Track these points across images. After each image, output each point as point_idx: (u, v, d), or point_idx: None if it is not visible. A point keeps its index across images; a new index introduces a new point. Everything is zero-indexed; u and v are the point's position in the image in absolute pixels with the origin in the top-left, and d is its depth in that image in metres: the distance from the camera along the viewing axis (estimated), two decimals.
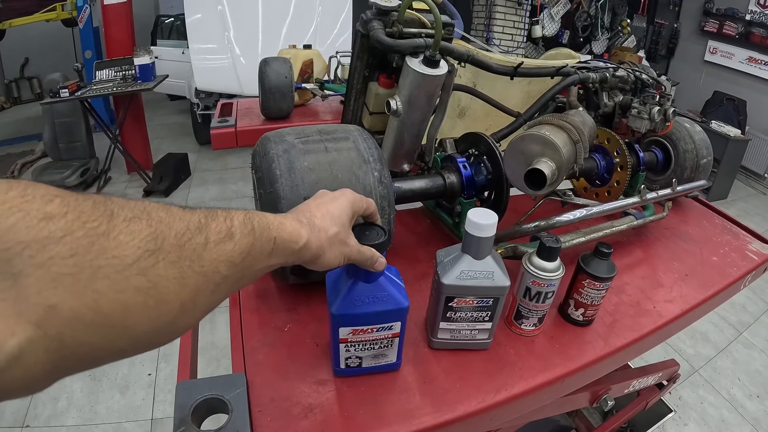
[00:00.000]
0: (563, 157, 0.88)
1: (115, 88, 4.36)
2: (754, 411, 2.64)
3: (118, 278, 0.33)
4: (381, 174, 0.85)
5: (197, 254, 0.39)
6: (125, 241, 0.34)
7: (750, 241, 1.50)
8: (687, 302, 1.12)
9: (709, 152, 1.57)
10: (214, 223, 0.42)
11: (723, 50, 6.42)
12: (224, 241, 0.42)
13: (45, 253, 0.30)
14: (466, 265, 0.74)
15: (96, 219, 0.33)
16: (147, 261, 0.35)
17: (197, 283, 0.39)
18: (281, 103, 2.16)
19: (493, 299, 0.77)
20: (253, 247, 0.45)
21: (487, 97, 1.20)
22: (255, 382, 0.72)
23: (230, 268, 0.43)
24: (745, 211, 5.28)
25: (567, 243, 1.03)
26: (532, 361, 0.85)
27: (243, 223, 0.45)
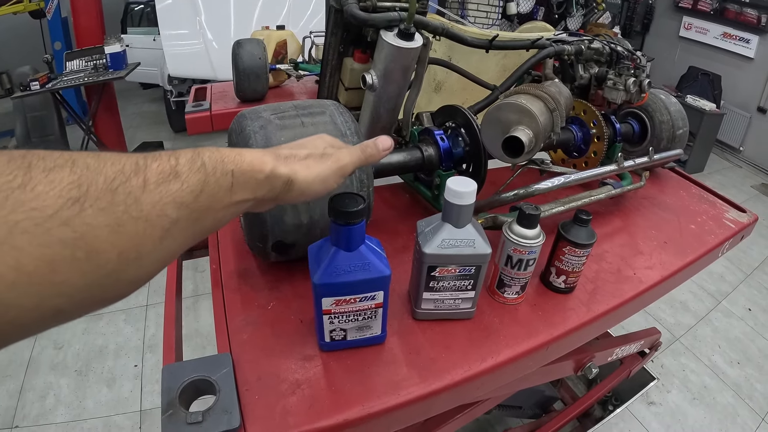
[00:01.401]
0: (540, 125, 0.88)
1: (87, 78, 4.25)
2: (735, 377, 2.71)
3: (39, 231, 0.30)
4: None
5: (133, 198, 0.36)
6: (44, 191, 0.31)
7: (727, 209, 1.53)
8: (666, 269, 1.14)
9: (685, 123, 1.59)
10: (155, 164, 0.38)
11: (698, 26, 6.45)
12: (167, 181, 0.38)
13: None
14: (447, 233, 0.73)
15: (11, 173, 0.30)
16: (71, 210, 0.32)
17: (137, 229, 0.36)
18: (256, 85, 2.13)
19: (475, 267, 0.76)
20: (206, 183, 0.41)
21: (463, 70, 1.20)
22: (241, 361, 0.72)
23: (180, 210, 0.39)
24: (722, 184, 5.36)
25: (546, 212, 1.03)
26: (517, 329, 0.86)
27: (191, 160, 0.41)
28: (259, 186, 0.47)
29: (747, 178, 5.67)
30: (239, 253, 1.01)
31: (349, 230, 0.65)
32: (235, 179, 0.44)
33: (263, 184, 0.48)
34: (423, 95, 1.39)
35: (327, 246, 0.68)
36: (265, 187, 0.48)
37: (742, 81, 5.94)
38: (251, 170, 0.46)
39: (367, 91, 1.03)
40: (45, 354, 2.52)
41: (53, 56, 4.83)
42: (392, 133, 1.14)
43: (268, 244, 0.83)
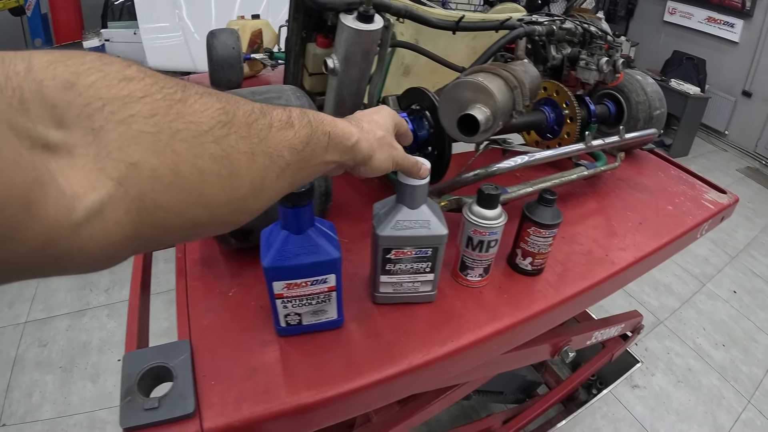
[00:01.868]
0: (498, 103, 0.86)
1: None
2: (720, 359, 2.72)
3: (195, 143, 0.33)
4: None
5: (263, 135, 0.40)
6: (200, 109, 0.34)
7: (706, 191, 1.52)
8: (641, 250, 1.12)
9: (662, 104, 1.56)
10: (275, 111, 0.43)
11: (682, 10, 6.44)
12: (286, 127, 0.43)
13: (126, 111, 0.30)
14: (402, 215, 0.72)
15: (172, 87, 0.33)
16: (221, 131, 0.35)
17: (264, 163, 0.40)
18: (230, 75, 2.09)
19: (431, 249, 0.75)
20: (311, 137, 0.46)
21: (430, 52, 1.17)
22: (200, 347, 0.72)
23: (293, 155, 0.44)
24: (706, 167, 5.38)
25: (513, 193, 1.01)
26: (480, 312, 0.84)
27: (300, 115, 0.46)
28: (345, 152, 0.53)
29: (732, 162, 5.69)
30: (204, 241, 0.99)
31: (297, 212, 0.64)
32: (331, 140, 0.50)
33: (348, 150, 0.53)
34: (392, 79, 1.37)
35: (277, 230, 0.67)
36: (350, 153, 0.54)
37: (727, 65, 5.95)
38: (343, 136, 0.52)
39: (330, 76, 1.01)
40: (30, 351, 2.51)
41: None
42: None
43: None
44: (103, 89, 0.29)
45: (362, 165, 0.58)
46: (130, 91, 0.30)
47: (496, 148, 1.03)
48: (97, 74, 0.29)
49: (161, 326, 2.56)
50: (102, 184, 0.29)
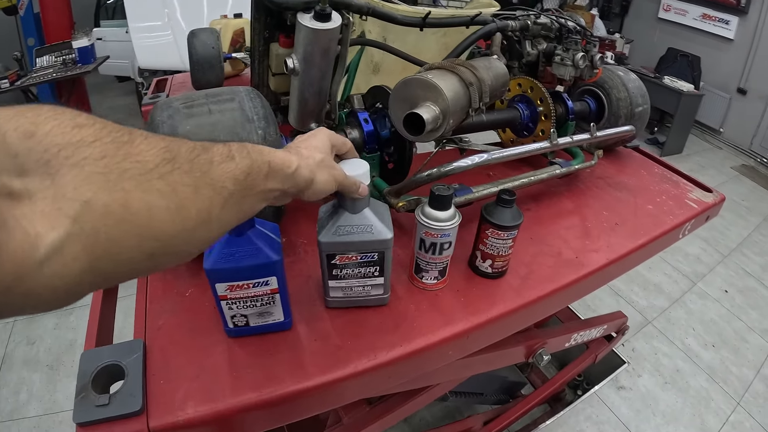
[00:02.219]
0: (447, 101, 0.83)
1: (56, 74, 4.19)
2: (709, 360, 2.68)
3: (142, 180, 0.36)
4: (266, 131, 0.84)
5: (206, 168, 0.43)
6: (146, 149, 0.38)
7: (691, 189, 1.48)
8: (614, 251, 1.09)
9: (645, 100, 1.53)
10: (215, 147, 0.46)
11: (677, 7, 6.41)
12: (227, 160, 0.46)
13: (79, 154, 0.33)
14: (343, 220, 0.70)
15: (119, 131, 0.36)
16: (165, 167, 0.38)
17: (208, 194, 0.43)
18: (209, 75, 2.07)
19: (377, 253, 0.73)
20: (251, 167, 0.49)
21: (397, 50, 1.14)
22: (153, 346, 0.73)
23: (235, 185, 0.46)
24: (701, 165, 5.36)
25: (478, 193, 0.99)
26: (434, 316, 0.82)
27: (239, 148, 0.49)
28: (287, 179, 0.55)
29: (727, 160, 5.66)
30: None
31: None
32: (271, 169, 0.52)
33: (289, 177, 0.55)
34: (361, 77, 1.34)
35: None
36: (291, 181, 0.56)
37: (722, 62, 5.92)
38: (282, 165, 0.54)
39: (291, 76, 0.99)
40: (18, 350, 2.53)
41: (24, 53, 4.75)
42: (323, 116, 1.09)
43: None
44: (59, 136, 0.33)
45: (305, 190, 0.59)
46: (82, 137, 0.34)
47: (457, 147, 1.00)
48: (52, 122, 0.33)
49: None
50: (60, 223, 0.32)
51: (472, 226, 0.92)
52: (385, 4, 1.10)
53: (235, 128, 0.82)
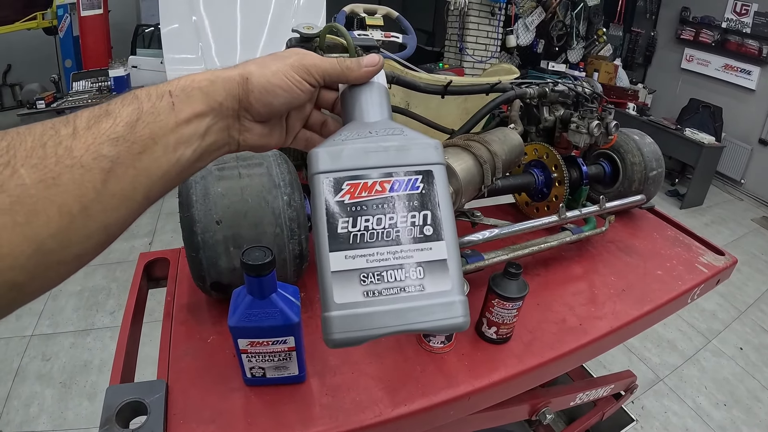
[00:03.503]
0: (461, 181, 0.89)
1: (90, 100, 4.36)
2: (720, 419, 2.63)
3: None
4: (291, 197, 0.90)
5: (64, 147, 0.33)
6: None
7: (702, 253, 1.50)
8: (618, 319, 1.12)
9: (660, 164, 1.58)
10: (85, 112, 0.36)
11: (699, 58, 6.49)
12: (98, 121, 0.36)
13: None
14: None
15: None
16: (2, 175, 0.31)
17: (73, 177, 0.33)
18: None
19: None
20: (140, 111, 0.37)
21: (418, 116, 1.21)
22: (175, 387, 0.78)
23: (117, 146, 0.35)
24: (721, 217, 5.32)
25: (488, 261, 1.03)
26: (438, 378, 0.86)
27: (122, 98, 0.38)
28: (208, 95, 0.41)
29: (748, 211, 5.63)
30: (193, 287, 1.03)
31: (260, 281, 0.69)
32: (175, 97, 0.39)
33: (212, 91, 0.42)
34: None
35: (244, 293, 0.73)
36: (218, 93, 0.42)
37: (744, 113, 5.95)
38: (192, 82, 0.41)
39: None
40: (33, 364, 2.58)
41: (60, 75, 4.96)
42: None
43: (206, 283, 0.89)
44: None
45: (247, 94, 0.44)
46: None
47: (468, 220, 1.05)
48: None
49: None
50: None
51: (482, 291, 0.96)
52: (409, 72, 1.17)
53: (262, 193, 0.88)
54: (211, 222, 0.84)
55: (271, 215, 0.87)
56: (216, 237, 0.86)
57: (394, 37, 1.79)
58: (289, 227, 0.89)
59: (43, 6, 5.48)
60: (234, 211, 0.86)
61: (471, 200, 1.03)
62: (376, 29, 1.80)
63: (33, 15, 5.48)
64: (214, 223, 0.85)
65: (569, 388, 1.58)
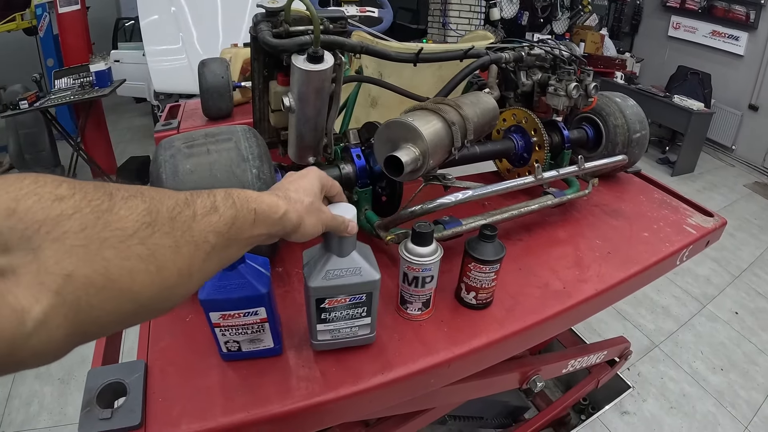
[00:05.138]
0: (427, 143, 0.87)
1: (73, 96, 4.29)
2: (717, 383, 2.63)
3: (122, 247, 0.37)
4: (260, 170, 0.90)
5: (187, 225, 0.44)
6: (125, 215, 0.38)
7: (690, 214, 1.48)
8: (604, 281, 1.10)
9: (643, 126, 1.55)
10: (199, 199, 0.47)
11: (686, 25, 6.43)
12: (210, 213, 0.47)
13: (59, 229, 0.34)
14: (332, 264, 0.73)
15: (99, 198, 0.37)
16: (145, 232, 0.39)
17: (190, 251, 0.44)
18: (220, 103, 2.16)
19: (365, 294, 0.76)
20: (236, 218, 0.50)
21: (391, 85, 1.19)
22: (154, 367, 0.79)
23: (218, 238, 0.47)
24: (713, 184, 5.33)
25: (466, 226, 1.02)
26: (416, 346, 0.85)
27: (224, 198, 0.50)
28: (274, 224, 0.56)
29: (740, 177, 5.62)
30: None
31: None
32: (257, 216, 0.53)
33: (277, 222, 0.56)
34: (360, 110, 1.39)
35: None
36: (279, 225, 0.57)
37: (733, 79, 5.92)
38: (269, 210, 0.55)
39: (288, 113, 1.03)
40: None
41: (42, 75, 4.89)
42: (320, 150, 1.13)
43: None
44: (39, 212, 0.34)
45: (292, 233, 0.61)
46: (62, 210, 0.35)
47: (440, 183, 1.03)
48: (33, 198, 0.34)
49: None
50: (44, 296, 0.33)
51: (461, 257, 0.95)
52: (379, 42, 1.14)
53: (231, 167, 0.88)
54: None
55: (239, 187, 0.86)
56: None
57: (370, 11, 1.76)
58: None
59: (21, 7, 5.39)
60: (203, 187, 0.84)
61: (443, 163, 1.01)
62: (351, 4, 1.77)
63: (12, 16, 5.39)
64: None
65: (559, 356, 1.58)
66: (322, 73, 0.93)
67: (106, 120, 5.18)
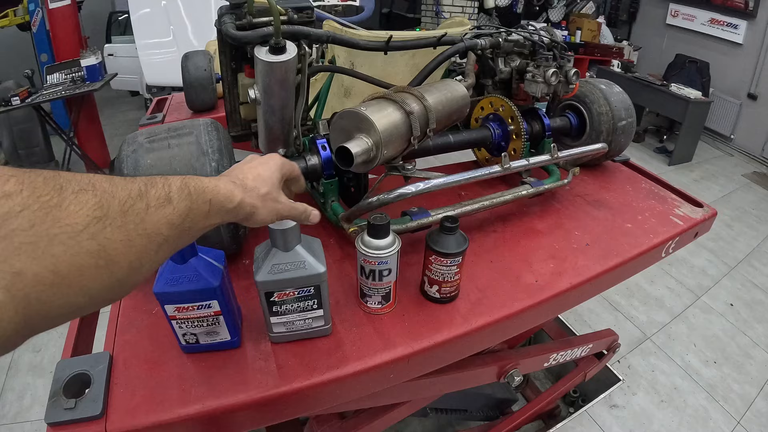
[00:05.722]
0: (379, 133, 0.85)
1: (64, 91, 4.27)
2: (709, 377, 2.59)
3: (72, 243, 0.38)
4: (219, 163, 0.90)
5: (140, 218, 0.44)
6: (75, 210, 0.38)
7: (679, 205, 1.45)
8: (580, 275, 1.07)
9: (629, 114, 1.51)
10: (153, 190, 0.46)
11: (685, 12, 6.36)
12: (163, 205, 0.47)
13: (7, 226, 0.34)
14: (277, 258, 0.74)
15: (48, 193, 0.37)
16: (96, 227, 0.39)
17: (142, 244, 0.44)
18: (203, 96, 2.16)
19: (313, 287, 0.76)
20: (190, 210, 0.50)
21: (361, 74, 1.16)
22: (119, 358, 0.81)
23: (171, 230, 0.47)
24: (711, 173, 5.28)
25: (435, 216, 0.99)
26: (374, 341, 0.84)
27: (180, 188, 0.49)
28: (228, 213, 0.57)
29: (738, 167, 5.57)
30: None
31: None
32: (212, 206, 0.54)
33: (231, 212, 0.58)
34: (335, 100, 1.37)
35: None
36: (232, 214, 0.58)
37: (731, 67, 5.86)
38: (225, 200, 0.56)
39: (256, 105, 1.02)
40: (24, 357, 2.61)
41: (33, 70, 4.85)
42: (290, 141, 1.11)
43: None
44: None
45: (246, 221, 0.62)
46: (10, 208, 0.35)
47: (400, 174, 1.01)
48: None
49: None
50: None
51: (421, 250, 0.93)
52: (348, 31, 1.12)
53: (190, 161, 0.88)
54: None
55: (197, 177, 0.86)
56: None
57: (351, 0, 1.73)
58: None
59: (13, 3, 5.37)
60: None
61: (409, 153, 0.99)
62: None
63: (4, 12, 5.37)
64: None
65: (539, 349, 1.56)
66: (284, 64, 0.92)
67: (102, 113, 5.17)
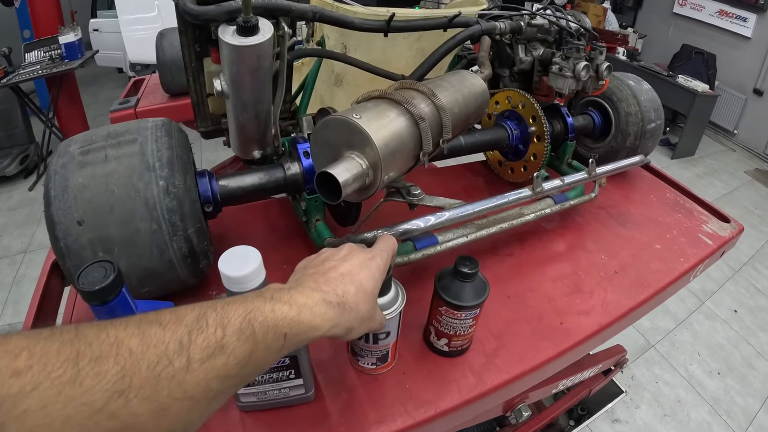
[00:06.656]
0: (378, 151, 0.60)
1: (42, 70, 4.05)
2: (713, 389, 2.49)
3: (89, 424, 0.32)
4: (168, 182, 0.70)
5: (177, 381, 0.35)
6: (91, 385, 0.32)
7: (706, 220, 1.29)
8: (609, 313, 0.91)
9: (659, 115, 1.33)
10: (199, 338, 0.37)
11: (693, 2, 6.16)
12: (213, 356, 0.37)
13: (19, 407, 0.30)
14: None
15: (61, 366, 0.32)
16: (116, 403, 0.33)
17: (181, 408, 0.36)
18: (179, 78, 1.95)
19: (289, 358, 0.58)
20: (254, 351, 0.40)
21: (355, 60, 0.96)
22: None
23: (224, 382, 0.38)
24: (713, 169, 5.13)
25: (444, 245, 0.80)
26: (366, 411, 0.67)
27: (239, 330, 0.39)
28: (309, 341, 0.46)
29: (741, 163, 5.42)
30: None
31: (109, 308, 0.56)
32: (288, 341, 0.43)
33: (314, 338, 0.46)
34: (324, 89, 1.17)
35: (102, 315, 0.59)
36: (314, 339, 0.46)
37: (738, 61, 5.67)
38: (309, 330, 0.44)
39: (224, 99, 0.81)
40: None
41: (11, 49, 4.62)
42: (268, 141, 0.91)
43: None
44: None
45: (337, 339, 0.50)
46: (21, 387, 0.30)
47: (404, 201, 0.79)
48: None
49: None
50: None
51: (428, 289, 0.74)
52: (340, 6, 0.92)
53: (132, 179, 0.70)
54: (72, 223, 0.67)
55: (143, 207, 0.68)
56: (80, 241, 0.67)
57: None
58: (169, 221, 0.69)
59: None
60: (97, 206, 0.67)
61: (407, 172, 0.76)
62: None
63: None
64: (76, 224, 0.67)
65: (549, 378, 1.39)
66: (256, 48, 0.70)
67: (86, 92, 4.94)
